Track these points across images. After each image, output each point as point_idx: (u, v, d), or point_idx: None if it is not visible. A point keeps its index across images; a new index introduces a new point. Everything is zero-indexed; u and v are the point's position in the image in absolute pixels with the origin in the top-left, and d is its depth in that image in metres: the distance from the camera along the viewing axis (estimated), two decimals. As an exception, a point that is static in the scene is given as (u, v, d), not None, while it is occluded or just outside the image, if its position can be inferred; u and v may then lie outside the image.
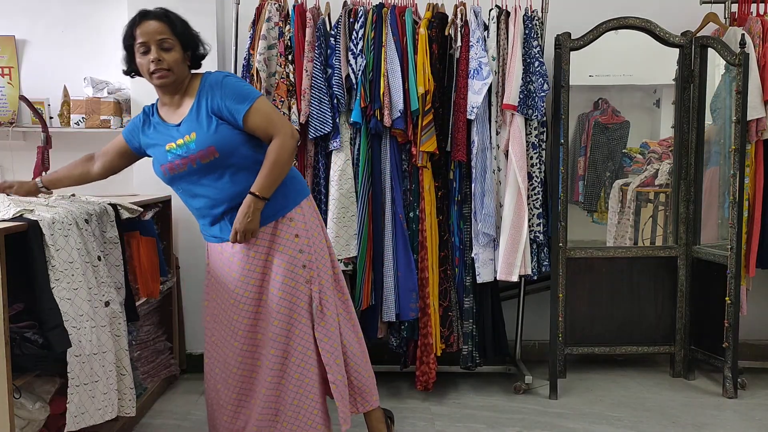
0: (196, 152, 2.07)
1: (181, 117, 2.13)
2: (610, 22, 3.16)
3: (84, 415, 2.06)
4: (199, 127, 2.08)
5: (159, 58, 2.05)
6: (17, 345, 1.94)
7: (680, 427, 2.79)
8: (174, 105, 2.17)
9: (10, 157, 3.50)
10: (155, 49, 2.06)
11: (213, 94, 2.09)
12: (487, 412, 2.94)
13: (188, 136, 2.08)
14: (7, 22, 3.50)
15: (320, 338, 2.21)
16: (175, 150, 2.11)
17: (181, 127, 2.12)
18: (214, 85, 2.10)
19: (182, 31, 2.12)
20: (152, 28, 2.06)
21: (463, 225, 3.10)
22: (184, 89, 2.15)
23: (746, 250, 3.19)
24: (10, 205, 2.11)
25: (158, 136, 2.18)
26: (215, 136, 2.06)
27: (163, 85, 2.11)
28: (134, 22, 2.10)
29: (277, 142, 2.08)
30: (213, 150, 2.06)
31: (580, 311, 3.33)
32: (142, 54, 2.08)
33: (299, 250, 2.18)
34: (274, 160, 2.06)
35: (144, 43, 2.06)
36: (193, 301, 3.43)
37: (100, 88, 3.39)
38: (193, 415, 2.91)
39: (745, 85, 2.97)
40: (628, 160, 3.62)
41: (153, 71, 2.07)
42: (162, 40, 2.06)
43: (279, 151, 2.07)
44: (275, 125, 2.09)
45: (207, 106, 2.09)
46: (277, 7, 3.05)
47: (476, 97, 2.95)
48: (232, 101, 2.07)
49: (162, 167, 2.16)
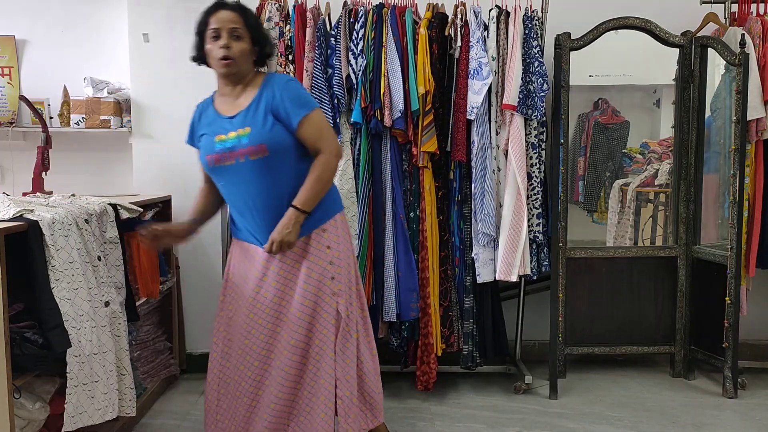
0: (247, 147, 2.08)
1: (237, 109, 2.14)
2: (610, 22, 3.16)
3: (82, 416, 2.06)
4: (255, 123, 2.09)
5: (228, 45, 2.08)
6: (17, 345, 1.94)
7: (680, 427, 2.79)
8: (232, 96, 2.18)
9: (10, 157, 3.50)
10: (226, 37, 2.09)
11: (274, 93, 2.11)
12: (487, 412, 2.94)
13: (241, 130, 2.10)
14: (7, 22, 3.50)
15: (338, 352, 2.21)
16: (225, 142, 2.12)
17: (235, 120, 2.13)
18: (277, 85, 2.13)
19: (254, 24, 2.16)
20: (226, 17, 2.10)
21: (463, 225, 3.10)
22: (245, 83, 2.17)
23: (746, 250, 3.19)
24: (10, 205, 2.11)
25: (209, 127, 2.19)
26: (269, 134, 2.08)
27: (227, 74, 2.13)
28: (210, 10, 2.14)
29: (322, 158, 2.12)
30: (264, 148, 2.07)
31: (580, 311, 3.33)
32: (213, 40, 2.10)
33: (329, 261, 2.19)
34: (318, 176, 2.10)
35: (216, 29, 2.09)
36: (193, 301, 3.43)
37: (100, 88, 3.39)
38: (193, 415, 2.91)
39: (745, 85, 2.97)
40: (628, 160, 3.62)
41: (221, 57, 2.09)
42: (233, 29, 2.09)
43: (324, 167, 2.11)
44: (324, 140, 2.13)
45: (267, 103, 2.11)
46: (277, 7, 3.05)
47: (476, 97, 2.95)
48: (291, 104, 2.10)
49: (208, 157, 2.16)
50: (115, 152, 3.51)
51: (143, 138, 3.38)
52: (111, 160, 3.54)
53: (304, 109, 2.11)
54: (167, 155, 3.36)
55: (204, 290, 3.42)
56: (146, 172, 3.38)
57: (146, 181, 3.37)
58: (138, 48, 3.33)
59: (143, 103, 3.37)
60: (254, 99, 2.13)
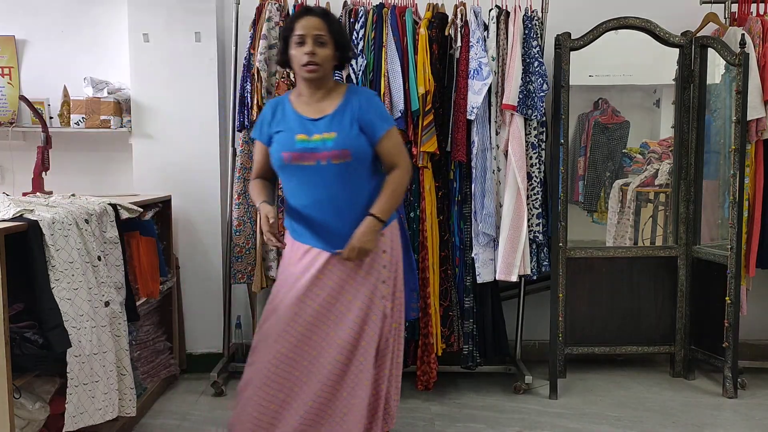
0: (331, 150, 2.14)
1: (320, 113, 2.19)
2: (610, 22, 3.16)
3: (83, 415, 2.07)
4: (341, 129, 2.16)
5: (313, 52, 2.13)
6: (17, 345, 1.94)
7: (680, 427, 2.79)
8: (314, 100, 2.22)
9: (10, 157, 3.50)
10: (311, 43, 2.13)
11: (361, 104, 2.20)
12: (487, 412, 2.94)
13: (327, 134, 2.15)
14: (7, 22, 3.50)
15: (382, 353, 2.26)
16: (308, 142, 2.16)
17: (320, 123, 2.18)
18: (364, 98, 2.23)
19: (338, 31, 2.21)
20: (311, 23, 2.15)
21: (463, 225, 3.11)
22: (328, 89, 2.23)
23: (746, 250, 3.19)
24: (10, 205, 2.11)
25: (287, 125, 2.22)
26: (355, 141, 2.16)
27: (310, 79, 2.18)
28: (297, 16, 2.19)
29: (398, 173, 2.21)
30: (348, 153, 2.14)
31: (580, 311, 3.33)
32: (298, 46, 2.15)
33: (383, 265, 2.24)
34: (394, 189, 2.20)
35: (302, 35, 2.14)
36: (193, 301, 3.43)
37: (100, 88, 3.39)
38: (193, 415, 2.91)
39: (745, 85, 2.97)
40: (628, 160, 3.62)
41: (305, 63, 2.14)
42: (318, 36, 2.14)
43: (399, 181, 2.21)
44: (401, 156, 2.24)
45: (352, 112, 2.18)
46: (277, 6, 3.06)
47: (476, 98, 2.95)
48: (376, 117, 2.20)
49: (285, 153, 2.18)
50: (115, 152, 3.51)
51: (143, 138, 3.38)
52: (111, 160, 3.54)
53: (387, 123, 2.22)
54: (167, 155, 3.36)
55: (204, 290, 3.42)
56: (146, 172, 3.38)
57: (146, 181, 3.37)
58: (138, 48, 3.33)
59: (143, 103, 3.37)
60: (339, 106, 2.20)
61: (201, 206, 3.39)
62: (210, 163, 3.38)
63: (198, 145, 3.37)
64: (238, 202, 3.15)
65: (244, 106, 3.07)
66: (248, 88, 3.06)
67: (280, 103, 2.28)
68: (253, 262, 3.15)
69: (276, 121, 2.25)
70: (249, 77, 3.06)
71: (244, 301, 3.50)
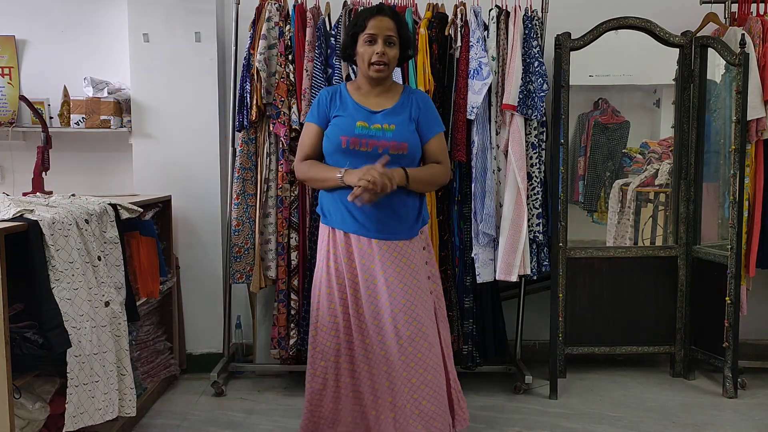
0: (391, 141, 2.20)
1: (380, 107, 2.27)
2: (610, 22, 3.16)
3: (83, 415, 2.06)
4: (401, 123, 2.24)
5: (383, 52, 2.21)
6: (17, 345, 1.94)
7: (680, 427, 2.79)
8: (372, 94, 2.30)
9: (10, 157, 3.50)
10: (381, 43, 2.21)
11: (419, 105, 2.30)
12: (487, 412, 2.94)
13: (387, 125, 2.23)
14: (7, 22, 3.50)
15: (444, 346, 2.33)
16: (369, 130, 2.22)
17: (379, 115, 2.25)
18: (421, 100, 2.33)
19: (405, 33, 2.29)
20: (384, 24, 2.21)
21: (463, 225, 3.10)
22: (387, 85, 2.32)
23: (746, 250, 3.19)
24: (10, 205, 2.11)
25: (349, 111, 2.27)
26: (412, 136, 2.24)
27: (377, 77, 2.25)
28: (370, 14, 2.24)
29: (441, 167, 2.32)
30: (405, 146, 2.22)
31: (580, 311, 3.33)
32: (368, 44, 2.22)
33: (425, 261, 2.32)
34: (433, 172, 2.29)
35: (373, 35, 2.21)
36: (193, 301, 3.43)
37: (100, 88, 3.39)
38: (193, 415, 2.91)
39: (745, 85, 2.97)
40: (628, 160, 3.62)
41: (374, 62, 2.21)
42: (389, 37, 2.22)
43: (439, 172, 2.31)
44: (445, 157, 2.35)
45: (410, 111, 2.28)
46: (277, 6, 3.06)
47: (476, 97, 2.95)
48: (430, 119, 2.32)
49: (344, 138, 2.21)
50: (115, 152, 3.51)
51: (143, 138, 3.38)
52: (111, 160, 3.54)
53: (438, 126, 2.34)
54: (167, 155, 3.36)
55: (204, 290, 3.42)
56: (146, 172, 3.38)
57: (146, 181, 3.38)
58: (138, 48, 3.33)
59: (143, 103, 3.37)
60: (398, 102, 2.29)
61: (201, 206, 3.39)
62: (210, 163, 3.38)
63: (198, 145, 3.37)
64: (237, 202, 3.14)
65: (244, 106, 3.07)
66: (248, 88, 3.06)
67: (337, 91, 2.34)
68: (252, 262, 3.15)
69: (335, 107, 2.30)
70: (249, 77, 3.06)
71: (244, 301, 3.50)
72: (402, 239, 2.22)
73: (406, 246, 2.23)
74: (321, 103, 2.32)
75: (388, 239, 2.20)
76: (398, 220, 2.22)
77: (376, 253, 2.20)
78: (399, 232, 2.22)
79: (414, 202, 2.27)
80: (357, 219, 2.21)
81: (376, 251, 2.20)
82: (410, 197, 2.25)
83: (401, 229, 2.23)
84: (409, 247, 2.24)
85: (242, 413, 2.92)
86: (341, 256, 2.25)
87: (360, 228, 2.21)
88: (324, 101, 2.32)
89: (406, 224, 2.24)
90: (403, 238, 2.23)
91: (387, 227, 2.20)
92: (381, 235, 2.20)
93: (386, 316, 2.19)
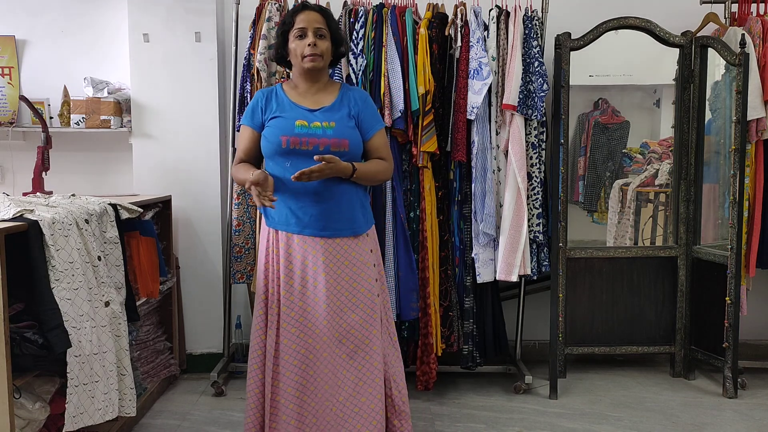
0: (332, 138, 2.21)
1: (318, 105, 2.28)
2: (610, 22, 3.16)
3: (83, 415, 2.06)
4: (340, 120, 2.25)
5: (315, 43, 2.22)
6: (17, 345, 1.94)
7: (680, 427, 2.79)
8: (309, 92, 2.30)
9: (10, 157, 3.50)
10: (312, 35, 2.22)
11: (357, 102, 2.31)
12: (487, 412, 2.94)
13: (326, 123, 2.23)
14: (7, 22, 3.50)
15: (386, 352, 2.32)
16: (308, 129, 2.21)
17: (318, 113, 2.25)
18: (359, 96, 2.34)
19: (335, 27, 2.32)
20: (312, 17, 2.24)
21: (463, 225, 3.10)
22: (323, 83, 2.32)
23: (746, 250, 3.19)
24: (10, 205, 2.11)
25: (286, 111, 2.27)
26: (352, 133, 2.25)
27: (311, 70, 2.25)
28: (296, 10, 2.27)
29: (386, 163, 2.34)
30: (346, 143, 2.22)
31: (580, 311, 3.33)
32: (299, 39, 2.24)
33: (373, 264, 2.31)
34: (378, 167, 2.30)
35: (302, 28, 2.23)
36: (193, 301, 3.43)
37: (100, 88, 3.39)
38: (193, 415, 2.91)
39: (745, 85, 2.97)
40: (628, 160, 3.62)
41: (307, 54, 2.22)
42: (318, 29, 2.24)
43: (384, 168, 2.32)
44: (388, 153, 2.37)
45: (349, 108, 2.29)
46: (277, 6, 3.06)
47: (476, 97, 2.95)
48: (370, 116, 2.33)
49: (284, 137, 2.20)
50: (115, 152, 3.51)
51: (143, 138, 3.38)
52: (111, 160, 3.54)
53: (379, 123, 2.35)
54: (167, 155, 3.36)
55: (204, 290, 3.42)
56: (146, 172, 3.38)
57: (146, 181, 3.38)
58: (138, 48, 3.33)
59: (143, 103, 3.37)
60: (336, 100, 2.29)
61: (201, 206, 3.39)
62: (210, 163, 3.38)
63: (198, 145, 3.37)
64: (237, 202, 3.15)
65: (244, 106, 3.07)
66: (248, 88, 3.06)
67: (272, 92, 2.33)
68: (252, 262, 3.15)
69: (270, 109, 2.29)
70: (249, 77, 3.06)
71: (244, 301, 3.50)
72: (347, 236, 2.22)
73: (353, 244, 2.22)
74: (256, 106, 2.31)
75: (333, 236, 2.20)
76: (342, 215, 2.21)
77: (320, 253, 2.19)
78: (343, 229, 2.21)
79: (359, 197, 2.27)
80: (300, 219, 2.20)
81: (321, 251, 2.19)
82: (356, 193, 2.25)
83: (346, 225, 2.22)
84: (355, 247, 2.23)
85: (242, 413, 2.91)
86: (281, 258, 2.23)
87: (304, 228, 2.20)
88: (259, 103, 2.31)
89: (351, 220, 2.23)
90: (348, 235, 2.22)
91: (331, 223, 2.19)
92: (325, 233, 2.19)
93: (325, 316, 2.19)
